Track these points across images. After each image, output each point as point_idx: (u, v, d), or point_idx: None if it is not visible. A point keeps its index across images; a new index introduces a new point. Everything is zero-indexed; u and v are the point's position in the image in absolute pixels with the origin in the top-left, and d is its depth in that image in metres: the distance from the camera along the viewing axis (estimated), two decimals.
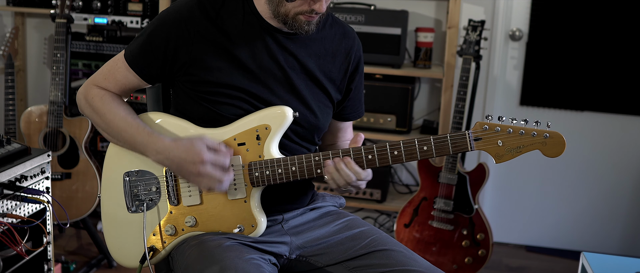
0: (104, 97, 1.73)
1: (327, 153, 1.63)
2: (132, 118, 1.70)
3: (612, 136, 3.44)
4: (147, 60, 1.70)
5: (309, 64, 1.73)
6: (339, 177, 1.62)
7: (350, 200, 3.32)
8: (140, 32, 1.73)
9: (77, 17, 3.40)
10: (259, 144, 1.66)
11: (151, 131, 1.67)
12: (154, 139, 1.66)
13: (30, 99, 3.87)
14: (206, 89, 1.68)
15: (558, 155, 1.55)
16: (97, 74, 1.77)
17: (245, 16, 1.69)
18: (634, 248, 3.50)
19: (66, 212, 2.27)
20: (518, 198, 3.60)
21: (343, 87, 1.81)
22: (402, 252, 1.69)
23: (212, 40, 1.67)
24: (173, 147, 1.63)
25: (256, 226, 1.68)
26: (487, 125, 1.57)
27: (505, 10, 3.38)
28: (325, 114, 1.78)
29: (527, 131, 1.56)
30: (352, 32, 1.84)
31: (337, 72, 1.79)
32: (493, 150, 1.57)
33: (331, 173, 1.62)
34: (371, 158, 1.61)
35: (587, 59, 3.35)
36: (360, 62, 1.85)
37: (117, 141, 1.74)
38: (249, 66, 1.68)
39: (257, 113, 1.68)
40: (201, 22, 1.66)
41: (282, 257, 1.73)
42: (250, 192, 1.68)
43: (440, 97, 3.39)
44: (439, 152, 1.58)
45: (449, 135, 1.58)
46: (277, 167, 1.65)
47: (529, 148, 1.56)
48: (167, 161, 1.65)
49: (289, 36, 1.71)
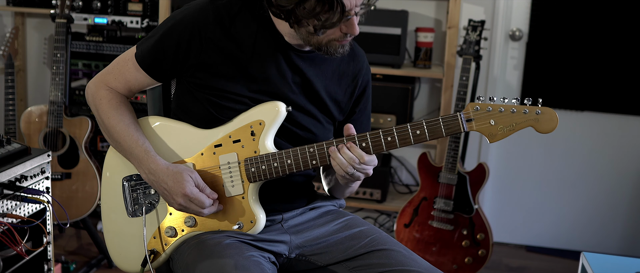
0: (111, 100, 1.74)
1: (321, 144, 1.63)
2: (134, 129, 1.71)
3: (612, 136, 3.44)
4: (158, 61, 1.70)
5: (316, 84, 1.73)
6: (343, 161, 1.60)
7: (350, 200, 3.32)
8: (152, 32, 1.72)
9: (77, 17, 3.40)
10: (254, 140, 1.67)
11: (148, 149, 1.69)
12: (149, 159, 1.67)
13: (30, 99, 3.87)
14: (211, 92, 1.68)
15: (551, 130, 1.54)
16: (107, 72, 1.77)
17: (260, 29, 1.68)
18: (634, 248, 3.50)
19: (66, 212, 2.27)
20: (518, 198, 3.60)
21: (347, 109, 1.82)
22: (401, 252, 1.70)
23: (223, 49, 1.66)
24: (164, 171, 1.65)
25: (255, 222, 1.68)
26: (478, 105, 1.57)
27: (505, 10, 3.38)
28: (326, 130, 1.79)
29: (518, 109, 1.55)
30: (362, 54, 1.84)
31: (343, 95, 1.78)
32: (486, 130, 1.57)
33: (336, 158, 1.60)
34: (365, 146, 1.61)
35: (587, 59, 3.35)
36: (368, 86, 1.84)
37: (114, 146, 1.76)
38: (255, 78, 1.68)
39: (250, 110, 1.68)
40: (214, 29, 1.66)
41: (282, 256, 1.73)
42: (247, 188, 1.68)
43: (440, 97, 3.39)
44: (433, 135, 1.58)
45: (441, 117, 1.57)
46: (273, 161, 1.65)
47: (521, 126, 1.55)
48: (155, 183, 1.67)
49: (300, 53, 1.70)
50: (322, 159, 1.64)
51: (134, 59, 1.72)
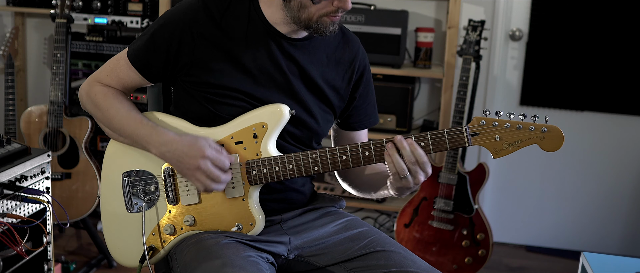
0: (107, 93, 1.73)
1: (323, 150, 1.63)
2: (135, 113, 1.71)
3: (612, 136, 3.44)
4: (150, 59, 1.70)
5: (311, 71, 1.72)
6: (409, 154, 1.55)
7: (350, 200, 3.32)
8: (144, 31, 1.73)
9: (77, 17, 3.40)
10: (256, 142, 1.66)
11: (155, 125, 1.68)
12: (158, 132, 1.66)
13: (30, 99, 3.87)
14: (207, 89, 1.68)
15: (556, 149, 1.52)
16: (99, 71, 1.77)
17: (251, 20, 1.69)
18: (634, 248, 3.50)
19: (66, 212, 2.27)
20: (518, 198, 3.60)
21: (346, 95, 1.80)
22: (400, 253, 1.69)
23: (215, 43, 1.67)
24: (177, 140, 1.64)
25: (254, 224, 1.68)
26: (484, 120, 1.55)
27: (505, 10, 3.38)
28: (325, 121, 1.78)
29: (524, 125, 1.54)
30: (356, 40, 1.83)
31: (340, 81, 1.78)
32: (491, 145, 1.55)
33: (392, 156, 1.55)
34: (368, 155, 1.61)
35: (587, 59, 3.35)
36: (366, 70, 1.83)
37: (119, 136, 1.74)
38: (250, 70, 1.68)
39: (253, 111, 1.67)
40: (205, 25, 1.66)
41: (281, 257, 1.73)
42: (248, 190, 1.68)
43: (440, 97, 3.39)
44: (437, 148, 1.57)
45: (446, 130, 1.56)
46: (275, 165, 1.65)
47: (526, 143, 1.54)
48: (169, 154, 1.65)
49: (294, 42, 1.71)
50: (324, 166, 1.64)
51: (126, 57, 1.72)
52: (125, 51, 1.74)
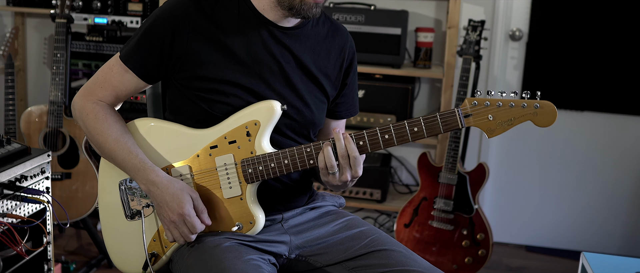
0: (97, 114, 1.71)
1: (318, 143, 1.63)
2: (124, 141, 1.70)
3: (612, 136, 3.44)
4: (144, 57, 1.69)
5: (305, 59, 1.73)
6: (341, 147, 1.59)
7: (350, 200, 3.32)
8: (134, 33, 1.72)
9: (77, 17, 3.40)
10: (250, 140, 1.66)
11: (143, 159, 1.68)
12: (147, 169, 1.66)
13: (30, 99, 3.87)
14: (201, 85, 1.67)
15: (549, 124, 1.52)
16: (92, 82, 1.75)
17: (241, 10, 1.69)
18: (634, 248, 3.50)
19: (66, 212, 2.27)
20: (518, 198, 3.60)
21: (338, 83, 1.82)
22: (401, 252, 1.69)
23: (207, 36, 1.67)
24: (164, 185, 1.64)
25: (254, 223, 1.68)
26: (476, 100, 1.55)
27: (505, 10, 3.38)
28: (320, 109, 1.79)
29: (517, 103, 1.53)
30: (343, 28, 1.85)
31: (332, 68, 1.79)
32: (484, 125, 1.55)
33: (324, 149, 1.60)
34: (363, 144, 1.60)
35: (587, 59, 3.35)
36: (354, 58, 1.85)
37: (107, 159, 1.75)
38: (244, 60, 1.68)
39: (245, 109, 1.67)
40: (196, 18, 1.66)
41: (282, 257, 1.73)
42: (245, 189, 1.68)
43: (440, 97, 3.39)
44: (430, 132, 1.57)
45: (438, 113, 1.56)
46: (270, 161, 1.64)
47: (520, 120, 1.53)
48: (152, 194, 1.66)
49: (285, 30, 1.71)
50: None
51: (119, 62, 1.71)
52: (117, 56, 1.72)
